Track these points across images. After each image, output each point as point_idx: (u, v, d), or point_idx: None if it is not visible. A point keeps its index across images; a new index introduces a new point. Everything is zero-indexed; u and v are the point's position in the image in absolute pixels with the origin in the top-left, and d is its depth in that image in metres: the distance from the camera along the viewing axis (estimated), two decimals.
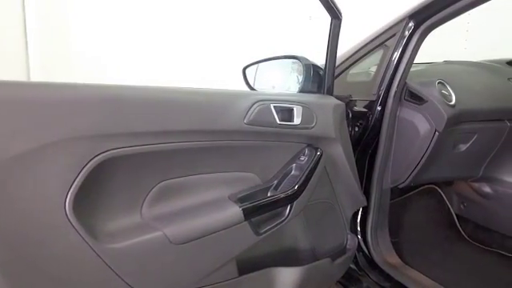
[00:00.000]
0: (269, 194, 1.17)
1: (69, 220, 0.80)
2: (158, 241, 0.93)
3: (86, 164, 0.82)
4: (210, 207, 1.05)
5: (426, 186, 2.22)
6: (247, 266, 1.15)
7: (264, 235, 1.12)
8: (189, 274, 1.01)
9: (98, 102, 0.86)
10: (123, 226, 0.92)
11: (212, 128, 1.04)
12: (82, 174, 0.82)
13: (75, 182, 0.81)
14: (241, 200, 1.10)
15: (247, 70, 1.63)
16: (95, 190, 0.87)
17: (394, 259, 1.67)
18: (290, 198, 1.17)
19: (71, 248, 0.82)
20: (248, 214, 1.07)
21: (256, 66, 1.61)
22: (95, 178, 0.85)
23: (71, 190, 0.80)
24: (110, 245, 0.87)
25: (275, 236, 1.18)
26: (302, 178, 1.20)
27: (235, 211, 1.05)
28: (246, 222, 1.07)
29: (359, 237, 1.66)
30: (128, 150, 0.89)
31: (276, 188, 1.20)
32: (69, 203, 0.80)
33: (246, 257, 1.15)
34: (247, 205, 1.08)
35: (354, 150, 1.51)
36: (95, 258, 0.84)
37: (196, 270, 1.02)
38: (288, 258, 1.30)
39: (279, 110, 1.17)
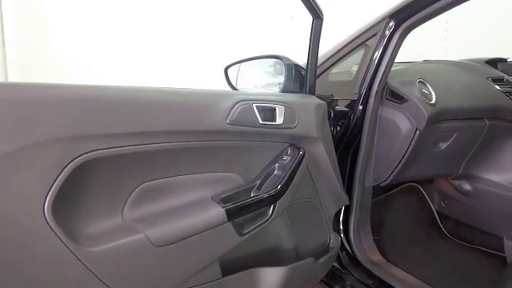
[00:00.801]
0: (252, 194, 1.17)
1: (48, 224, 0.78)
2: (139, 243, 0.92)
3: (65, 166, 0.81)
4: (193, 208, 1.04)
5: (408, 184, 2.24)
6: (231, 266, 1.15)
7: (247, 235, 1.12)
8: (171, 276, 1.00)
9: (77, 102, 0.84)
10: (104, 229, 0.91)
11: (194, 128, 1.03)
12: (61, 176, 0.80)
13: (54, 185, 0.79)
14: (224, 201, 1.09)
15: (229, 70, 1.63)
16: (75, 193, 0.86)
17: (377, 257, 1.68)
18: (273, 198, 1.17)
19: (51, 252, 0.80)
20: (231, 214, 1.06)
21: (238, 65, 1.61)
22: (75, 180, 0.83)
23: (50, 193, 0.79)
24: (91, 248, 0.85)
25: (258, 236, 1.17)
26: (285, 178, 1.20)
27: (218, 212, 1.05)
28: (229, 223, 1.06)
29: (342, 235, 1.66)
30: (108, 151, 0.88)
31: (259, 188, 1.20)
32: (48, 206, 0.78)
33: (229, 257, 1.14)
34: (230, 205, 1.07)
35: (336, 149, 1.51)
36: (76, 262, 0.82)
37: (179, 271, 1.01)
38: (271, 258, 1.30)
39: (261, 109, 1.16)
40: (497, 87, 1.80)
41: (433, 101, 1.54)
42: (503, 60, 2.12)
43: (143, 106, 0.95)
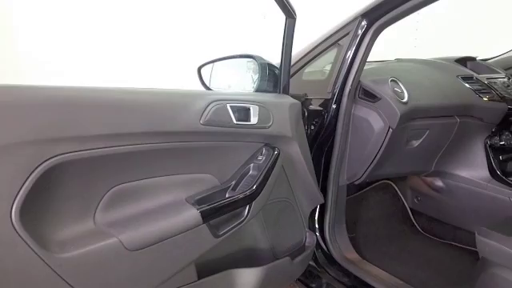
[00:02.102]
0: (227, 195, 1.16)
1: (16, 230, 0.75)
2: (112, 248, 0.89)
3: (34, 170, 0.78)
4: (167, 211, 1.03)
5: (381, 182, 2.27)
6: (206, 268, 1.14)
7: (223, 237, 1.11)
8: (146, 281, 0.98)
9: (46, 104, 0.82)
10: (75, 234, 0.88)
11: (167, 129, 1.02)
12: (29, 181, 0.77)
13: (22, 190, 0.76)
14: (198, 202, 1.08)
15: (202, 70, 1.61)
16: (44, 198, 0.83)
17: (352, 254, 1.70)
18: (249, 199, 1.16)
19: (20, 260, 0.77)
20: (206, 216, 1.05)
21: (211, 65, 1.59)
22: (44, 184, 0.81)
23: (17, 198, 0.76)
24: (62, 254, 0.82)
25: (234, 237, 1.16)
26: (260, 178, 1.19)
27: (193, 214, 1.03)
28: (204, 225, 1.05)
29: (317, 234, 1.67)
30: (79, 154, 0.85)
31: (234, 189, 1.19)
32: (15, 212, 0.75)
33: (205, 260, 1.13)
34: (205, 207, 1.06)
35: (311, 148, 1.52)
36: (46, 269, 0.80)
37: (154, 275, 0.99)
38: (248, 259, 1.30)
39: (236, 109, 1.16)
40: (467, 85, 1.84)
41: (405, 99, 1.56)
42: (472, 59, 2.18)
43: (115, 107, 0.93)
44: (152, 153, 1.01)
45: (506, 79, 2.03)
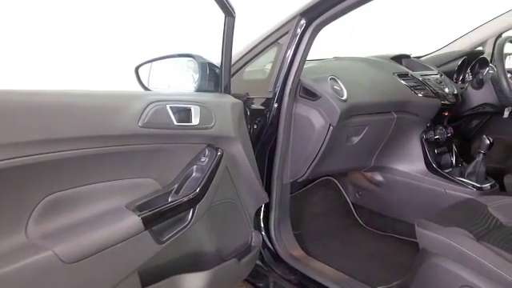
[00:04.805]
0: (169, 200, 1.12)
1: None
2: (47, 261, 0.84)
3: None
4: (106, 219, 0.98)
5: (323, 178, 2.32)
6: (151, 276, 1.10)
7: (167, 243, 1.08)
8: None
9: None
10: (5, 249, 0.82)
11: (103, 133, 0.97)
12: None
13: None
14: (139, 208, 1.03)
15: (140, 69, 1.55)
16: None
17: (298, 252, 1.72)
18: (193, 202, 1.13)
19: None
20: (148, 222, 1.01)
21: (149, 64, 1.54)
22: None
23: None
24: None
25: (179, 242, 1.13)
26: (204, 180, 1.17)
27: (134, 221, 0.99)
28: (146, 231, 1.01)
29: (263, 233, 1.67)
30: (6, 162, 0.79)
31: (177, 192, 1.15)
32: None
33: (148, 267, 1.09)
34: (146, 213, 1.02)
35: (254, 147, 1.51)
36: None
37: (94, 287, 0.94)
38: (194, 263, 1.27)
39: (176, 110, 1.13)
40: (402, 82, 1.90)
41: (344, 97, 1.59)
42: (407, 56, 2.26)
43: (46, 111, 0.87)
44: (88, 158, 0.96)
45: (438, 76, 2.12)
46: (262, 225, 1.68)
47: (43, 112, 0.86)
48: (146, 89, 1.53)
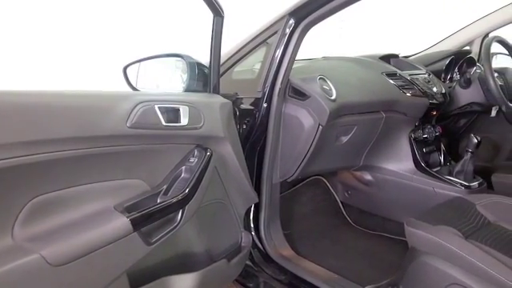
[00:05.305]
0: (158, 201, 1.11)
1: None
2: (34, 264, 0.82)
3: None
4: (95, 220, 0.97)
5: (313, 178, 2.32)
6: (140, 278, 1.09)
7: (156, 244, 1.07)
8: None
9: None
10: None
11: (91, 134, 0.96)
12: None
13: None
14: (128, 209, 1.02)
15: (128, 69, 1.54)
16: None
17: (288, 251, 1.72)
18: (182, 203, 1.12)
19: None
20: (137, 223, 1.00)
21: (138, 64, 1.53)
22: None
23: None
24: None
25: (168, 243, 1.12)
26: (193, 181, 1.16)
27: (122, 222, 0.98)
28: (135, 233, 1.00)
29: (253, 233, 1.67)
30: None
31: (166, 193, 1.14)
32: None
33: (137, 269, 1.08)
34: (135, 214, 1.01)
35: (243, 147, 1.51)
36: None
37: None
38: (183, 264, 1.26)
39: (164, 110, 1.12)
40: (391, 81, 1.91)
41: (333, 96, 1.59)
42: (395, 56, 2.27)
43: (33, 112, 0.86)
44: (75, 159, 0.94)
45: (426, 75, 2.14)
46: (252, 225, 1.68)
47: (29, 113, 0.85)
48: (134, 89, 1.52)
